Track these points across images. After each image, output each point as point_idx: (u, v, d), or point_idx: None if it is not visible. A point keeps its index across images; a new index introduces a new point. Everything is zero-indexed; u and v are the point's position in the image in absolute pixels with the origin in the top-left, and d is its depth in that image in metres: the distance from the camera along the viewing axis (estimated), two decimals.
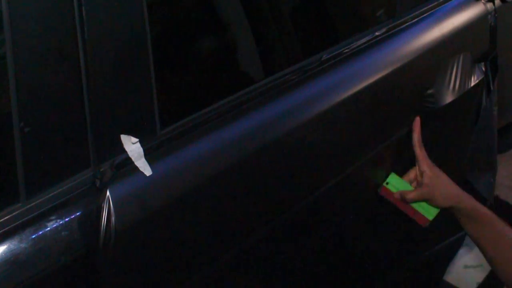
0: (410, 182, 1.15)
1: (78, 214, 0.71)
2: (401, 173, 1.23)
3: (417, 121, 1.14)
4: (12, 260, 0.65)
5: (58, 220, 0.69)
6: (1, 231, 0.66)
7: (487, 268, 1.22)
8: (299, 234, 1.08)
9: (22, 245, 0.67)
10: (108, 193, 0.71)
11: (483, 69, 1.33)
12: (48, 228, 0.69)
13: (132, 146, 0.75)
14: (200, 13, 1.03)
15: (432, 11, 1.24)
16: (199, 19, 1.03)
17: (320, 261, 1.21)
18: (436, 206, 1.11)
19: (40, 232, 0.68)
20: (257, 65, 1.04)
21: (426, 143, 1.28)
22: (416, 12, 1.21)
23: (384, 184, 1.15)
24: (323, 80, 1.00)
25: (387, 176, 1.17)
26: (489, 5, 1.35)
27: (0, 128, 0.71)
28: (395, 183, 1.15)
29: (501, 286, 1.05)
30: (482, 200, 1.32)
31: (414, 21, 1.19)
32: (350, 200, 1.17)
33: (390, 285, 1.34)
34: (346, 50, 1.06)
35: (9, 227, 0.67)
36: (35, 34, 0.64)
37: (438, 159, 1.37)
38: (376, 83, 1.06)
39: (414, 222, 1.13)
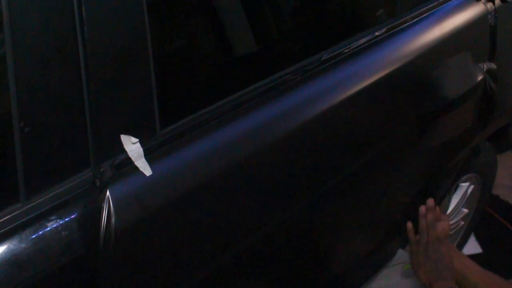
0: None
1: (78, 214, 0.71)
2: (402, 172, 1.23)
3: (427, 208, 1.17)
4: (12, 260, 0.65)
5: (58, 220, 0.69)
6: (1, 231, 0.66)
7: None
8: (299, 234, 1.08)
9: (22, 245, 0.67)
10: (108, 193, 0.71)
11: (483, 69, 1.33)
12: (48, 228, 0.68)
13: (132, 146, 0.75)
14: (200, 12, 1.03)
15: (432, 11, 1.24)
16: (199, 19, 1.03)
17: (320, 261, 1.21)
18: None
19: (40, 232, 0.68)
20: (257, 65, 1.04)
21: (426, 144, 1.28)
22: (416, 12, 1.21)
23: None
24: (323, 80, 1.00)
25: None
26: (489, 5, 1.35)
27: (0, 128, 0.71)
28: None
29: None
30: None
31: (414, 21, 1.19)
32: (350, 201, 1.17)
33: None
34: (346, 50, 1.06)
35: (9, 227, 0.67)
36: (35, 34, 0.64)
37: (438, 159, 1.38)
38: (376, 83, 1.06)
39: None
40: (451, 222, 1.79)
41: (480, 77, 1.31)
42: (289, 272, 1.12)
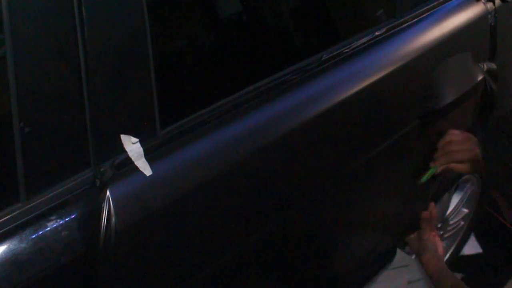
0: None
1: (78, 214, 0.71)
2: (401, 172, 1.23)
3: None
4: (12, 260, 0.65)
5: (58, 220, 0.69)
6: (1, 231, 0.66)
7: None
8: (299, 234, 1.08)
9: (22, 245, 0.67)
10: (108, 193, 0.71)
11: (483, 69, 1.34)
12: (48, 228, 0.69)
13: (132, 146, 0.75)
14: (200, 12, 1.03)
15: (432, 11, 1.24)
16: (199, 19, 1.03)
17: (319, 261, 1.21)
18: None
19: (40, 232, 0.68)
20: (257, 65, 1.04)
21: (426, 144, 1.28)
22: (416, 12, 1.21)
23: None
24: (323, 80, 1.00)
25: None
26: (489, 5, 1.35)
27: (0, 128, 0.71)
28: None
29: None
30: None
31: (414, 21, 1.19)
32: (350, 201, 1.17)
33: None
34: (346, 50, 1.06)
35: (9, 227, 0.67)
36: (35, 34, 0.64)
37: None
38: (376, 83, 1.06)
39: None
40: (451, 222, 1.79)
41: (480, 77, 1.31)
42: (289, 272, 1.12)
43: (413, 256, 1.59)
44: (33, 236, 0.67)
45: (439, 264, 1.33)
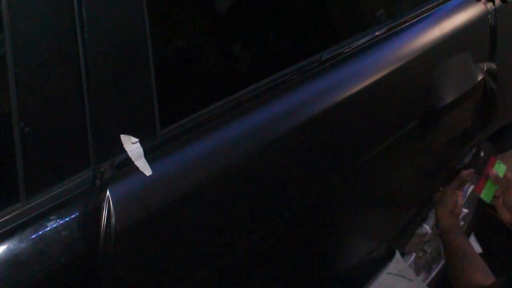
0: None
1: (78, 214, 0.71)
2: (399, 172, 1.23)
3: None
4: (12, 260, 0.65)
5: (58, 220, 0.69)
6: (1, 231, 0.66)
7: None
8: (300, 234, 1.08)
9: (22, 245, 0.67)
10: (108, 193, 0.71)
11: (483, 69, 1.33)
12: (48, 228, 0.69)
13: (132, 146, 0.75)
14: (200, 13, 1.03)
15: (432, 11, 1.24)
16: (199, 19, 1.03)
17: (320, 261, 1.21)
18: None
19: (40, 232, 0.68)
20: (257, 65, 1.04)
21: (426, 144, 1.28)
22: (416, 12, 1.21)
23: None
24: (323, 80, 1.00)
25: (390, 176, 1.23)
26: (489, 5, 1.35)
27: (0, 128, 0.71)
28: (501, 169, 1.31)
29: None
30: None
31: (414, 21, 1.19)
32: (350, 201, 1.17)
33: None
34: (346, 50, 1.06)
35: (9, 227, 0.67)
36: (35, 34, 0.64)
37: (437, 159, 1.38)
38: (376, 83, 1.06)
39: None
40: None
41: (480, 77, 1.31)
42: (287, 272, 1.12)
43: (411, 258, 1.59)
44: (33, 236, 0.67)
45: (452, 221, 1.33)
